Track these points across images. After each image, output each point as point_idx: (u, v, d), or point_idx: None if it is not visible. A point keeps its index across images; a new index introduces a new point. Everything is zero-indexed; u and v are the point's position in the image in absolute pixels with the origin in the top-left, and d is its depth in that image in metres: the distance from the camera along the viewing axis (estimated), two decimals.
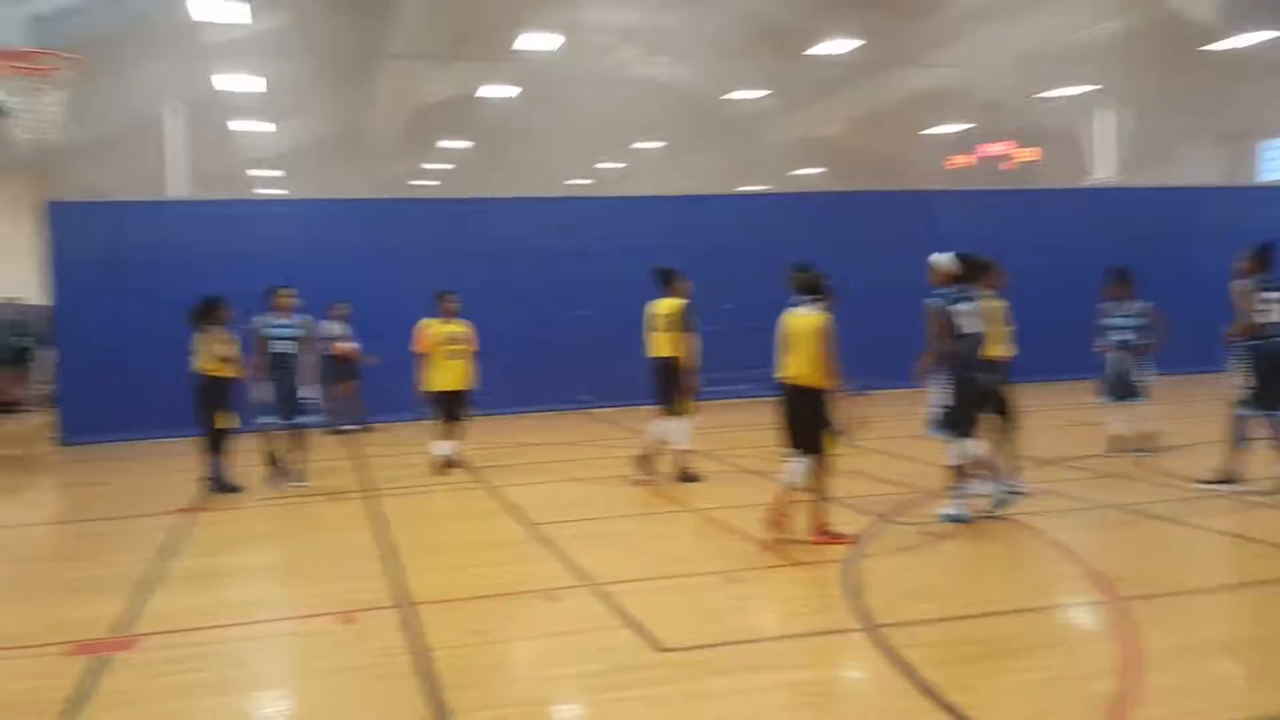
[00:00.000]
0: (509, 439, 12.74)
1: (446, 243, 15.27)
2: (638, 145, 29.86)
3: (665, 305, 9.20)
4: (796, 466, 6.84)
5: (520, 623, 5.70)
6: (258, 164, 29.06)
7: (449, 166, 32.83)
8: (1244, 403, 8.13)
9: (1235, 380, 8.18)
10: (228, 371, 9.39)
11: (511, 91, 24.41)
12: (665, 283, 9.29)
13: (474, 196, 17.97)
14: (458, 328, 10.33)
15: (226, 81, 20.96)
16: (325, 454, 11.92)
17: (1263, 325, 8.03)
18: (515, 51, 21.10)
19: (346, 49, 21.60)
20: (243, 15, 17.61)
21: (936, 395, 7.39)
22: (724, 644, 5.08)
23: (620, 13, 21.90)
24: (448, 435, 10.33)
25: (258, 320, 9.61)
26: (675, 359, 9.07)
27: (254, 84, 21.29)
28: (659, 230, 15.97)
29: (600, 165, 31.06)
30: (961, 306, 7.27)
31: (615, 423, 13.81)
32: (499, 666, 5.09)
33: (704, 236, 15.90)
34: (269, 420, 9.63)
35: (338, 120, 27.00)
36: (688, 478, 9.23)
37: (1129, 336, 10.19)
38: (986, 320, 7.53)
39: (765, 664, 4.82)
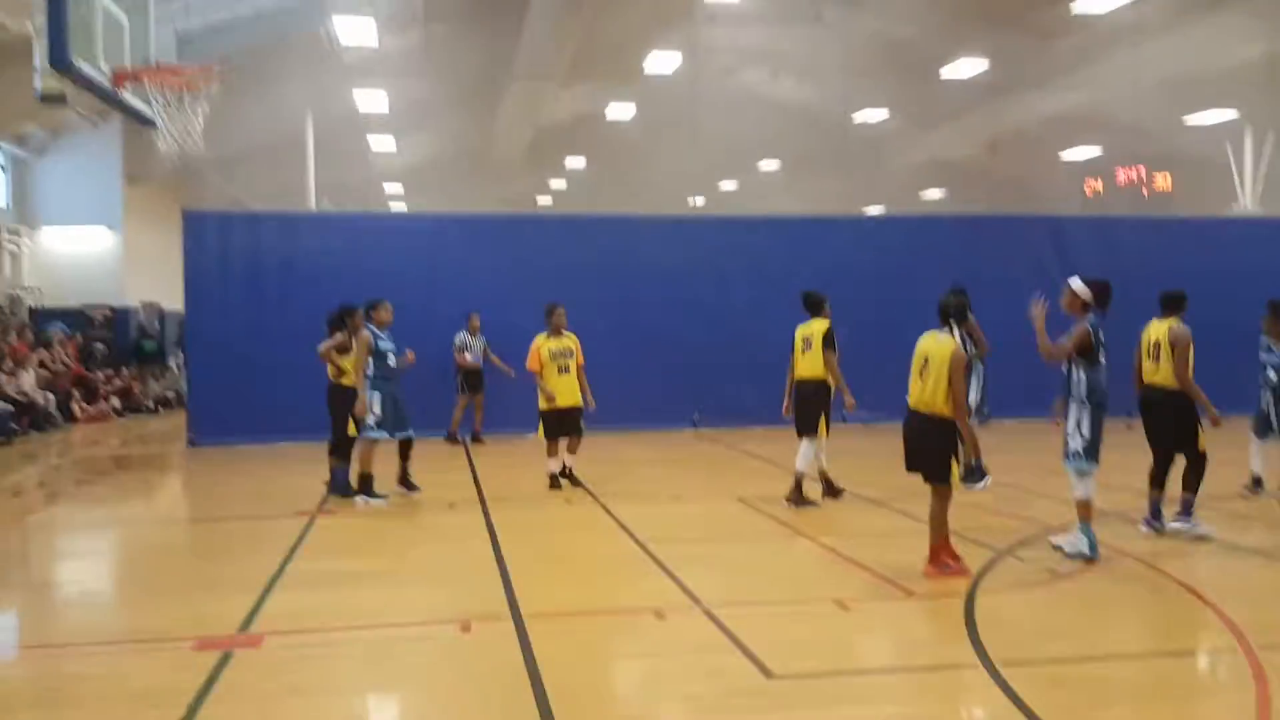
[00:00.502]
0: (620, 455, 12.78)
1: (567, 258, 15.47)
2: (761, 165, 29.79)
3: (815, 326, 9.22)
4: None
5: (629, 641, 5.69)
6: (387, 179, 30.04)
7: (563, 186, 33.34)
8: None
9: None
10: (354, 380, 9.64)
11: (633, 111, 24.65)
12: (815, 306, 9.37)
13: (595, 214, 18.15)
14: (567, 342, 10.39)
15: (361, 99, 21.72)
16: (442, 464, 12.18)
17: None
18: (641, 73, 21.30)
19: (474, 70, 22.15)
20: (373, 37, 18.25)
21: (1076, 425, 7.09)
22: (834, 673, 4.97)
23: (745, 32, 21.92)
24: (561, 450, 10.39)
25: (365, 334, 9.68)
26: (823, 381, 9.09)
27: (384, 101, 22.01)
28: (777, 251, 15.91)
29: (723, 185, 31.09)
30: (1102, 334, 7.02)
31: (728, 444, 13.72)
32: (607, 684, 5.08)
33: (825, 257, 15.76)
34: (378, 433, 9.58)
35: (464, 138, 27.71)
36: (805, 501, 9.09)
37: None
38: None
39: (875, 696, 4.70)
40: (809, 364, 9.16)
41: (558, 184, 33.81)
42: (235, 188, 22.78)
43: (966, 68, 21.37)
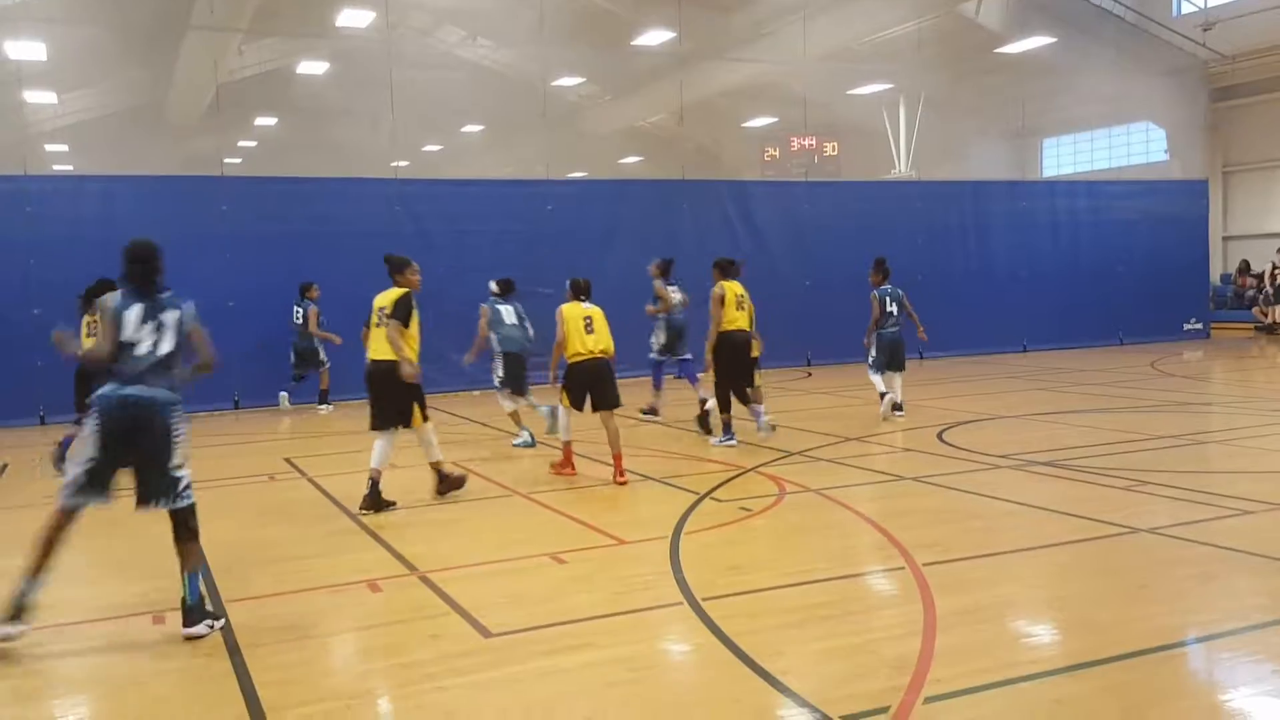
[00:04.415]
0: (329, 426, 12.38)
1: (259, 224, 14.73)
2: (463, 129, 29.44)
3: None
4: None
5: (341, 616, 5.59)
6: (48, 139, 27.03)
7: (253, 145, 31.45)
8: None
9: None
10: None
11: (326, 68, 23.63)
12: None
13: (287, 176, 17.32)
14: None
15: (14, 49, 19.39)
16: None
17: None
18: (331, 28, 20.44)
19: (146, 17, 20.36)
20: None
21: None
22: (550, 625, 5.15)
23: None
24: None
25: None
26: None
27: (40, 51, 19.77)
28: (485, 214, 15.96)
29: (425, 148, 30.45)
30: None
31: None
32: (318, 661, 4.98)
33: (528, 222, 15.97)
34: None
35: (139, 93, 25.45)
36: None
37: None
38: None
39: (591, 642, 4.92)
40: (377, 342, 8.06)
41: (247, 144, 31.84)
42: None
43: (656, 38, 22.16)
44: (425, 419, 8.03)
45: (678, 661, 4.89)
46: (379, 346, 7.84)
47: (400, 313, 7.76)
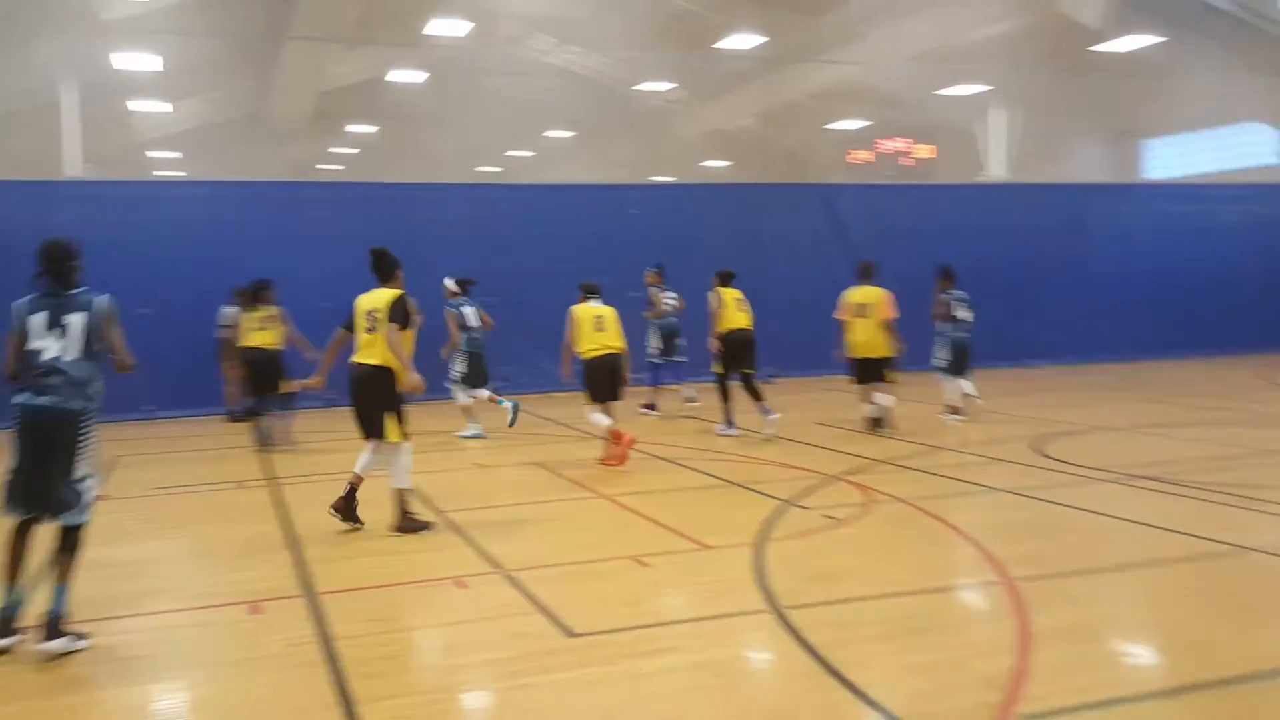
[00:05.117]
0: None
1: (353, 227, 15.06)
2: (551, 134, 29.76)
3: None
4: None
5: (428, 611, 5.68)
6: (156, 144, 28.12)
7: (350, 153, 32.25)
8: None
9: None
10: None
11: (420, 76, 24.10)
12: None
13: (380, 181, 17.74)
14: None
15: (124, 60, 20.24)
16: (232, 442, 11.69)
17: None
18: (424, 37, 20.83)
19: (251, 29, 21.04)
20: None
21: None
22: (633, 628, 5.14)
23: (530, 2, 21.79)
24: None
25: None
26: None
27: (152, 62, 20.58)
28: (570, 219, 16.12)
29: (513, 153, 30.88)
30: None
31: (525, 409, 13.78)
32: (406, 654, 5.07)
33: (613, 226, 16.06)
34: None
35: (244, 103, 26.32)
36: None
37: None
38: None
39: (673, 647, 4.89)
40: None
41: (344, 151, 32.68)
42: None
43: (744, 41, 22.08)
44: (405, 436, 7.28)
45: (761, 669, 4.83)
46: (368, 351, 7.20)
47: (398, 315, 7.17)
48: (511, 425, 10.73)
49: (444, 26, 20.46)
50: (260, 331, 10.94)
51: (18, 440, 5.01)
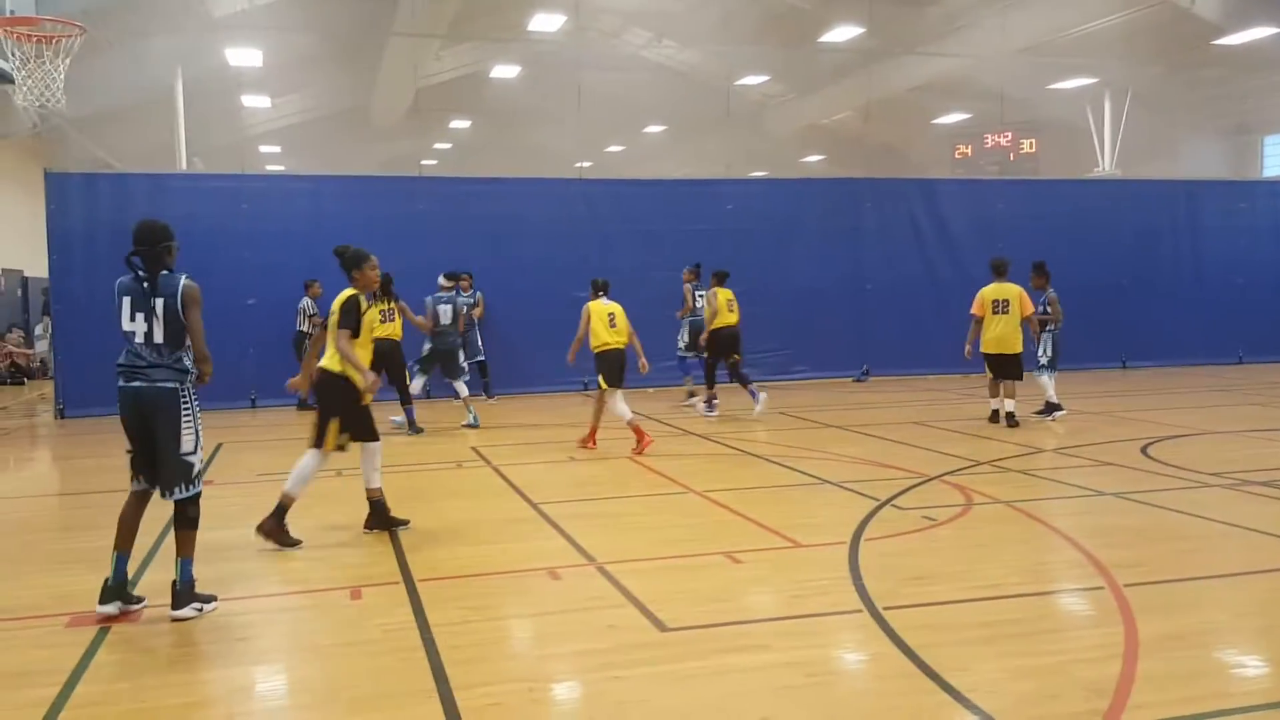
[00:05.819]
0: (514, 419, 12.75)
1: (452, 223, 15.31)
2: (646, 129, 29.77)
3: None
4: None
5: (522, 601, 5.72)
6: (263, 140, 28.97)
7: (447, 148, 32.72)
8: None
9: None
10: None
11: (517, 71, 24.33)
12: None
13: (478, 176, 17.96)
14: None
15: (234, 56, 20.89)
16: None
17: None
18: (521, 32, 21.03)
19: (352, 26, 21.51)
20: None
21: None
22: (725, 624, 5.10)
23: None
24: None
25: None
26: None
27: (258, 58, 21.20)
28: (665, 214, 16.12)
29: (609, 148, 30.98)
30: None
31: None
32: (499, 643, 5.11)
33: (709, 221, 15.99)
34: None
35: (344, 98, 26.91)
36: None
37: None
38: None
39: (766, 644, 4.84)
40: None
41: (442, 145, 33.19)
42: (100, 148, 21.65)
43: (843, 34, 21.75)
44: (340, 448, 6.84)
45: (856, 670, 4.74)
46: (330, 354, 6.76)
47: (348, 319, 6.64)
48: (470, 425, 11.90)
49: (541, 22, 20.61)
50: (387, 324, 11.13)
51: (122, 423, 5.30)
